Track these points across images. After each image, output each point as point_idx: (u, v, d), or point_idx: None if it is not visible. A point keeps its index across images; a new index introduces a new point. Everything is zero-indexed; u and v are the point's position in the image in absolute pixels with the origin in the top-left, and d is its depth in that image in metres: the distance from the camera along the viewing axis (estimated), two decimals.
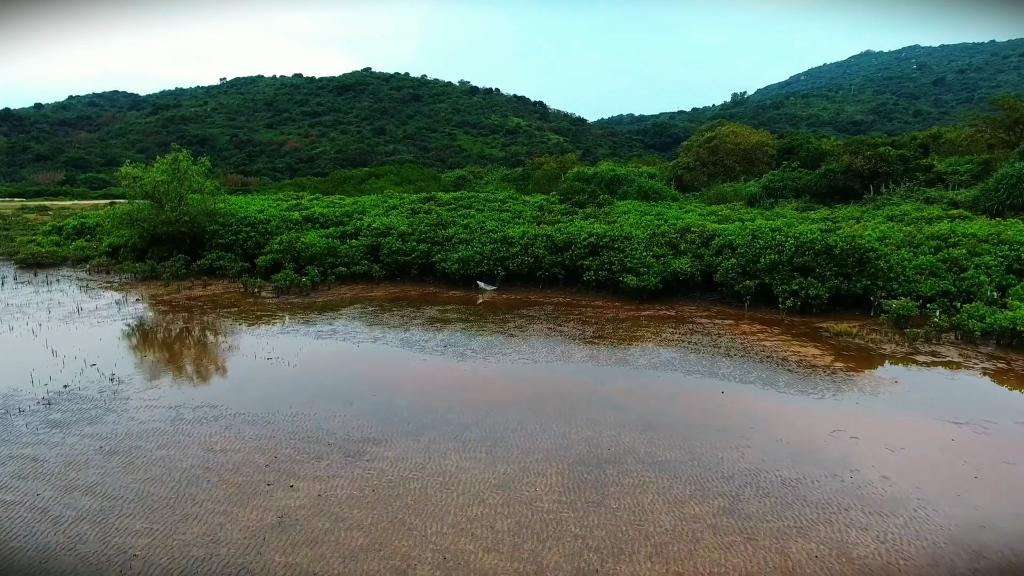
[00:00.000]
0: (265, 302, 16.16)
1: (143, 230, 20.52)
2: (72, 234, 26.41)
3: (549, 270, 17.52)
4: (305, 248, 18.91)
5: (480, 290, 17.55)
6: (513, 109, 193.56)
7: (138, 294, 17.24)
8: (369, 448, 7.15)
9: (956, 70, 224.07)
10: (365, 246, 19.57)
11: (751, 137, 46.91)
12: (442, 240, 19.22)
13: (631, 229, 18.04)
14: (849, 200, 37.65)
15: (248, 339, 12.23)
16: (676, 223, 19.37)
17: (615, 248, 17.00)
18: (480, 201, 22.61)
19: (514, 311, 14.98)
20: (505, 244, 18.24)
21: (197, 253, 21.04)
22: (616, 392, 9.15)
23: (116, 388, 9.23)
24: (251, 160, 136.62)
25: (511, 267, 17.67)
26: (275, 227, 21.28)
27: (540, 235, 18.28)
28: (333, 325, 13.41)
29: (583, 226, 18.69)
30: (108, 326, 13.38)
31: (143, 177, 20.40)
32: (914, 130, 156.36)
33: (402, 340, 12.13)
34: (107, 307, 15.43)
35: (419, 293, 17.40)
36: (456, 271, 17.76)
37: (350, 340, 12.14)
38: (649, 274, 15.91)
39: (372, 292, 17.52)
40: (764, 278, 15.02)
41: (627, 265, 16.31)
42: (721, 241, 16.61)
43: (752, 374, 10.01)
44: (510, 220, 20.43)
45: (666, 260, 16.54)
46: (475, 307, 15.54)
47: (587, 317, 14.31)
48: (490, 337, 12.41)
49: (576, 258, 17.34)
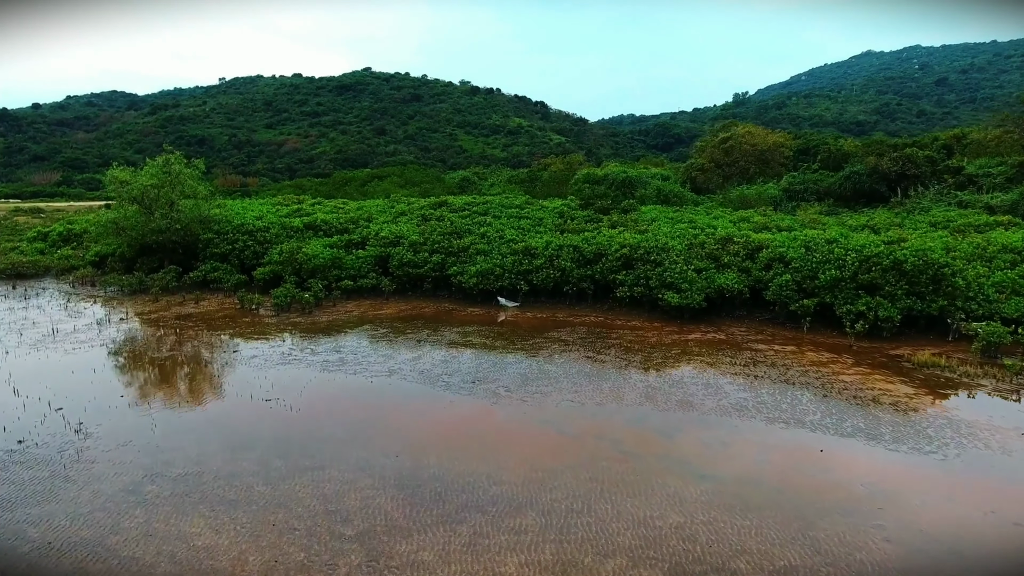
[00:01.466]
0: (264, 322, 14.50)
1: (131, 239, 18.85)
2: (58, 241, 24.75)
3: (577, 285, 15.87)
4: (307, 260, 17.25)
5: (501, 307, 15.90)
6: (514, 109, 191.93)
7: (123, 311, 15.57)
8: (396, 545, 5.49)
9: (958, 70, 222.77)
10: (373, 257, 17.91)
11: (768, 138, 45.27)
12: (457, 251, 17.56)
13: (666, 239, 16.39)
14: (875, 203, 36.00)
15: (244, 373, 10.57)
16: (713, 231, 17.71)
17: (651, 261, 15.35)
18: (496, 207, 20.96)
19: (543, 334, 13.32)
20: (527, 256, 16.58)
21: (190, 264, 19.39)
22: (692, 451, 7.49)
23: (81, 445, 7.57)
24: (250, 160, 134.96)
25: (535, 281, 16.02)
26: (275, 235, 19.62)
27: (566, 245, 16.63)
28: (341, 353, 11.74)
29: (613, 236, 17.04)
30: (84, 354, 11.72)
31: (131, 181, 18.73)
32: (918, 130, 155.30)
33: (422, 374, 10.47)
34: (87, 328, 13.77)
35: (434, 310, 15.74)
36: (474, 286, 16.10)
37: (361, 374, 10.49)
38: (692, 291, 14.26)
39: (382, 309, 15.86)
40: (824, 297, 13.37)
41: (666, 280, 14.66)
42: (770, 254, 14.96)
43: (846, 422, 8.36)
44: (530, 228, 18.77)
45: (709, 275, 14.89)
46: (498, 327, 13.89)
47: (627, 342, 12.66)
48: (523, 368, 10.75)
49: (608, 272, 15.68)
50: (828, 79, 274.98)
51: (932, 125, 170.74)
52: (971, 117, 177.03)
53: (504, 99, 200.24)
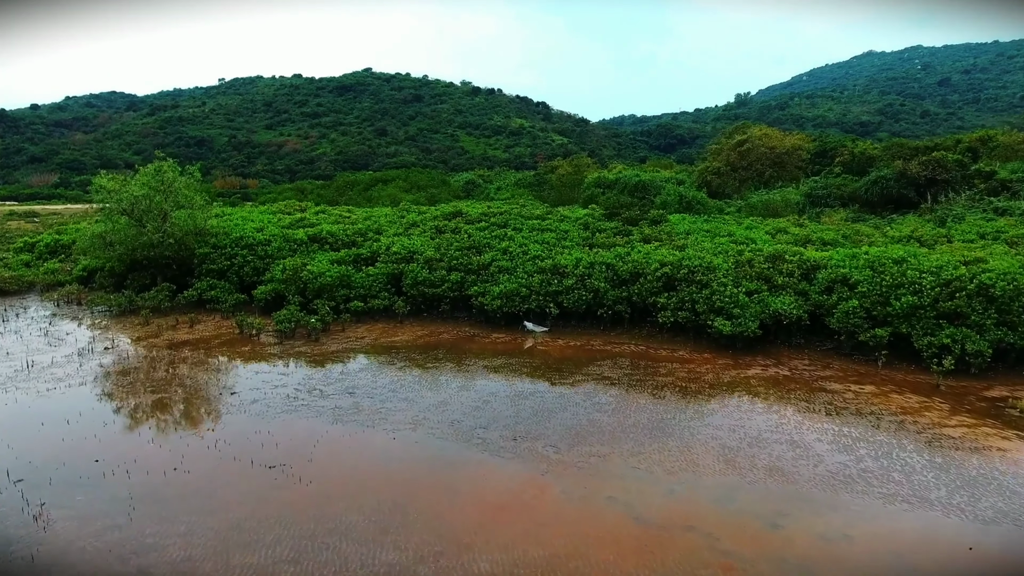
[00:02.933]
0: (265, 352, 12.96)
1: (120, 255, 17.29)
2: (45, 253, 23.18)
3: (612, 307, 14.33)
4: (313, 278, 15.70)
5: (527, 332, 14.37)
6: (516, 110, 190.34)
7: (109, 338, 14.02)
8: None
9: (961, 70, 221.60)
10: (385, 275, 16.35)
11: (785, 140, 43.73)
12: (477, 268, 16.01)
13: (709, 256, 14.85)
14: (903, 210, 34.47)
15: (243, 425, 9.03)
16: (756, 247, 16.17)
17: (696, 282, 13.81)
18: (515, 217, 19.42)
19: (581, 368, 11.78)
20: (556, 275, 15.03)
21: (185, 280, 17.83)
22: (813, 552, 5.94)
23: (40, 538, 6.03)
24: (250, 162, 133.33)
25: (565, 304, 14.47)
26: (276, 249, 18.06)
27: (598, 263, 15.09)
28: (354, 395, 10.20)
29: (649, 253, 15.49)
30: (59, 397, 10.17)
31: (120, 191, 17.17)
32: (923, 131, 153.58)
33: (452, 426, 8.93)
34: (66, 361, 12.22)
35: (454, 336, 14.20)
36: (498, 308, 14.55)
37: (381, 425, 8.94)
38: (745, 317, 12.72)
39: (396, 334, 14.31)
40: (900, 326, 11.83)
41: (715, 304, 13.12)
42: (830, 275, 13.41)
43: (981, 501, 6.82)
44: (555, 242, 17.23)
45: (761, 298, 13.35)
46: (529, 359, 12.35)
47: (680, 379, 11.12)
48: (569, 418, 9.21)
49: (647, 293, 14.14)
50: (829, 79, 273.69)
51: (936, 126, 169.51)
52: (975, 118, 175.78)
53: (505, 99, 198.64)
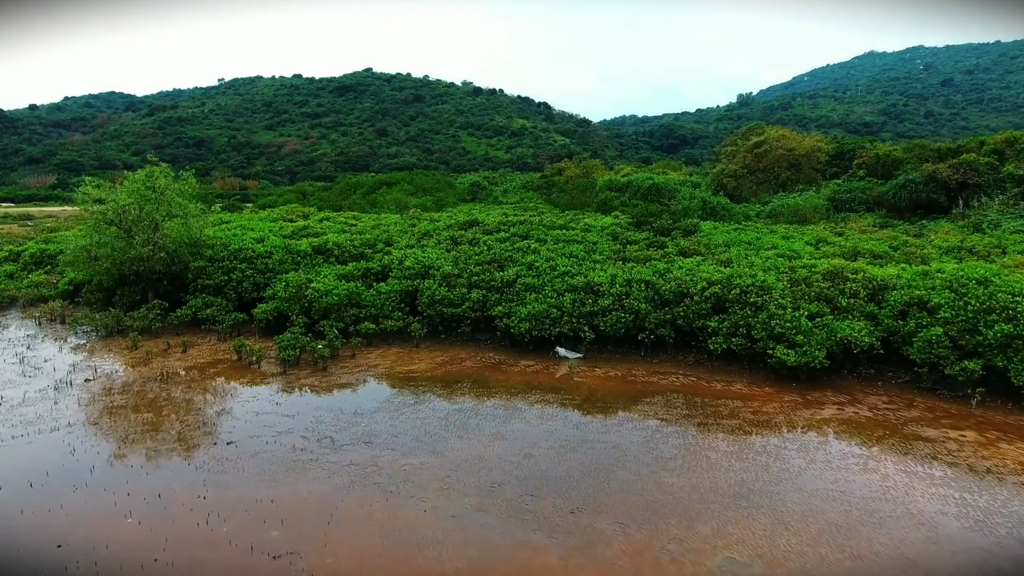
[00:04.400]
0: (267, 383, 11.44)
1: (107, 269, 15.78)
2: (30, 264, 21.65)
3: (654, 332, 12.82)
4: (319, 296, 14.20)
5: (560, 359, 12.87)
6: (517, 110, 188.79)
7: (91, 366, 12.50)
8: None
9: (964, 71, 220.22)
10: (398, 292, 14.84)
11: (804, 142, 42.23)
12: (500, 285, 14.49)
13: (760, 274, 13.34)
14: (932, 215, 33.01)
15: (240, 486, 7.52)
16: (811, 261, 14.66)
17: (750, 304, 12.30)
18: (537, 227, 17.86)
19: (629, 405, 10.28)
20: (590, 294, 13.52)
21: (178, 296, 16.32)
22: None
23: None
24: (249, 163, 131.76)
25: (601, 327, 12.95)
26: (278, 262, 16.54)
27: (636, 281, 13.58)
28: (372, 446, 8.69)
29: (691, 268, 13.98)
30: (25, 447, 8.67)
31: (107, 199, 15.65)
32: (927, 132, 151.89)
33: (493, 492, 7.42)
34: (40, 397, 10.71)
35: (477, 364, 12.68)
36: (526, 331, 13.03)
37: (406, 490, 7.44)
38: (810, 345, 11.21)
39: (413, 361, 12.80)
40: (994, 359, 10.33)
41: (775, 330, 11.61)
42: (904, 296, 11.90)
43: None
44: (584, 256, 15.70)
45: (825, 322, 11.84)
46: (567, 393, 10.84)
47: (746, 421, 9.62)
48: (631, 480, 7.70)
49: (694, 316, 12.63)
50: (831, 79, 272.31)
51: (941, 126, 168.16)
52: (979, 118, 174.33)
53: (507, 100, 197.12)
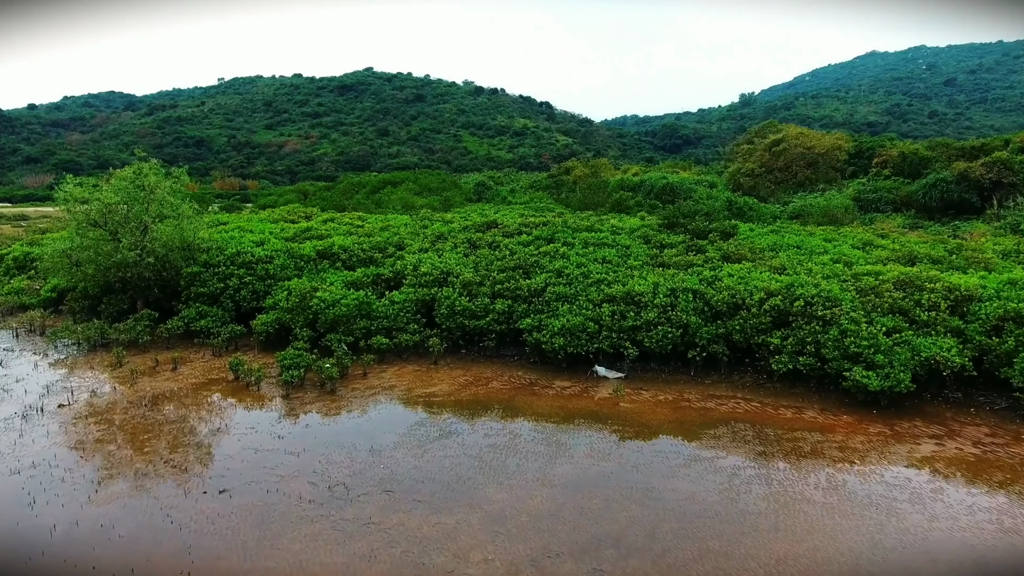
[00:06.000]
0: (267, 410, 9.96)
1: (90, 276, 14.28)
2: (13, 268, 20.16)
3: (706, 348, 11.32)
4: (325, 307, 12.70)
5: (598, 378, 11.38)
6: (519, 110, 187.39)
7: (69, 387, 11.01)
8: None
9: (967, 70, 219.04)
10: (413, 302, 13.33)
11: (824, 140, 40.72)
12: (528, 294, 12.99)
13: (823, 282, 11.84)
14: (964, 215, 31.54)
15: (231, 553, 6.03)
16: (875, 268, 13.15)
17: (817, 317, 10.80)
18: (562, 229, 16.33)
19: (690, 438, 8.80)
20: (631, 305, 12.01)
21: (170, 305, 14.84)
22: None
23: None
24: (249, 162, 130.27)
25: (645, 343, 11.45)
26: (280, 267, 15.06)
27: (681, 290, 12.09)
28: (393, 493, 7.21)
29: (743, 275, 12.48)
30: None
31: (91, 199, 14.15)
32: (932, 132, 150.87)
33: (547, 566, 5.92)
34: (3, 428, 9.22)
35: (506, 385, 11.19)
36: (559, 347, 11.52)
37: (442, 564, 5.95)
38: (894, 367, 9.72)
39: (433, 382, 11.30)
40: None
41: (850, 349, 10.12)
42: (997, 309, 10.40)
43: None
44: (618, 261, 14.19)
45: (905, 338, 10.35)
46: (616, 423, 9.35)
47: (833, 459, 8.13)
48: (719, 549, 6.21)
49: (752, 331, 11.14)
50: (832, 79, 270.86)
51: (945, 126, 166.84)
52: (984, 118, 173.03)
53: (508, 99, 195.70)
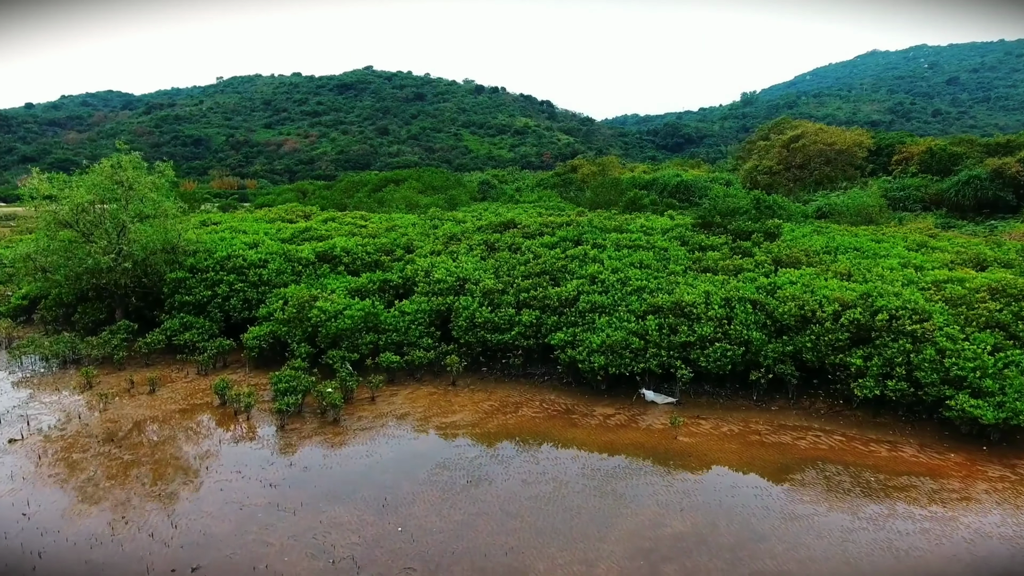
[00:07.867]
0: (256, 446, 8.32)
1: (58, 283, 12.62)
2: None
3: (772, 368, 9.68)
4: (326, 319, 11.04)
5: (646, 403, 9.75)
6: (520, 108, 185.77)
7: (24, 416, 9.36)
8: None
9: (969, 69, 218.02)
10: (426, 312, 11.68)
11: (844, 136, 39.02)
12: (558, 304, 11.33)
13: (904, 291, 10.19)
14: (998, 214, 29.93)
15: None
16: (957, 275, 11.50)
17: (905, 333, 9.16)
18: (590, 229, 14.62)
19: (773, 481, 7.17)
20: (681, 317, 10.36)
21: (152, 315, 13.20)
22: None
23: None
24: (248, 161, 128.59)
25: (701, 362, 9.80)
26: (275, 272, 13.41)
27: (737, 300, 10.45)
28: (415, 573, 5.57)
29: (808, 282, 10.83)
30: None
31: (60, 196, 12.48)
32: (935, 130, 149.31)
33: None
34: None
35: (538, 412, 9.54)
36: (599, 367, 9.87)
37: None
38: (1006, 393, 8.09)
39: (452, 408, 9.66)
40: None
41: (951, 372, 8.48)
42: None
43: None
44: (657, 265, 12.53)
45: (1013, 358, 8.71)
46: (678, 462, 7.72)
47: (954, 512, 6.50)
48: None
49: (826, 349, 9.50)
50: (834, 78, 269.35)
51: (949, 125, 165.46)
52: (988, 116, 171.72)
53: (509, 98, 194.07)
